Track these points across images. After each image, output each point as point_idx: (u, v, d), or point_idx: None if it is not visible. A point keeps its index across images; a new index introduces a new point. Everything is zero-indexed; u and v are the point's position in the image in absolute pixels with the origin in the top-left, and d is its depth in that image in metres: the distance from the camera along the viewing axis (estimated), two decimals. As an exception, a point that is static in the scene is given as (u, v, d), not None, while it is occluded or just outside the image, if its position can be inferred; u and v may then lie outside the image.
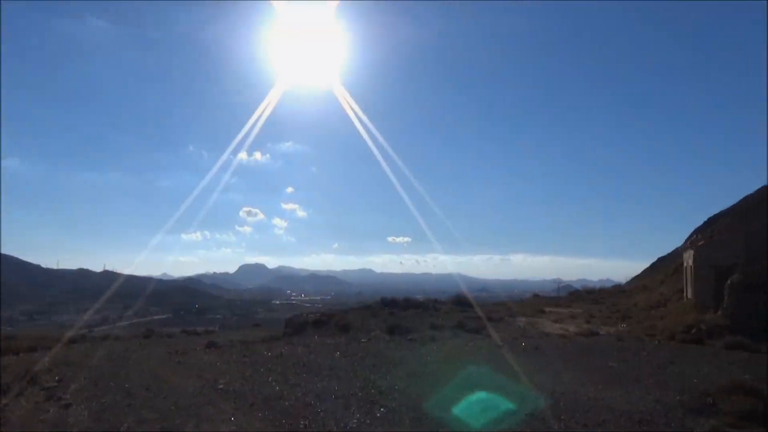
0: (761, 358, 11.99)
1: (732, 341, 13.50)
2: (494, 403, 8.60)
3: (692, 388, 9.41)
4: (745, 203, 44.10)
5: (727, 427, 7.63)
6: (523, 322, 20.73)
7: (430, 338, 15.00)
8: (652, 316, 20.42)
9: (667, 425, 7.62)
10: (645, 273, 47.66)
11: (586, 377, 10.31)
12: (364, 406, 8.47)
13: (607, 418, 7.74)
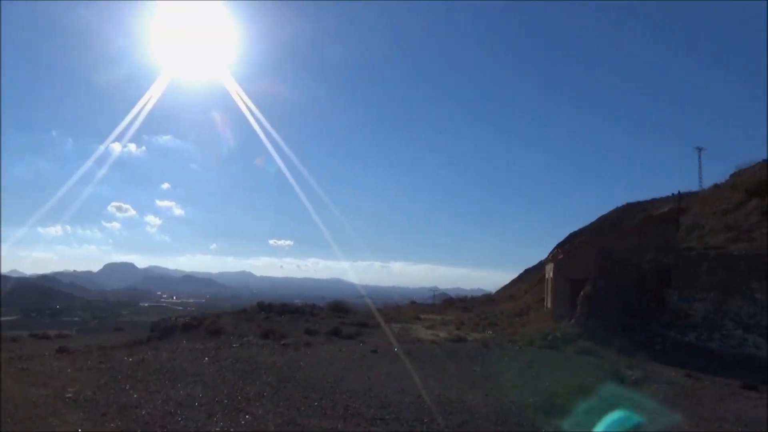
0: (604, 363, 13.24)
1: (581, 347, 14.81)
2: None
3: (544, 390, 10.17)
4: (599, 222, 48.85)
5: (570, 425, 8.33)
6: (398, 328, 21.24)
7: (304, 343, 14.87)
8: (516, 324, 21.86)
9: (520, 425, 8.16)
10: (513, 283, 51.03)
11: (451, 381, 10.77)
12: (230, 413, 8.18)
13: (466, 419, 8.13)
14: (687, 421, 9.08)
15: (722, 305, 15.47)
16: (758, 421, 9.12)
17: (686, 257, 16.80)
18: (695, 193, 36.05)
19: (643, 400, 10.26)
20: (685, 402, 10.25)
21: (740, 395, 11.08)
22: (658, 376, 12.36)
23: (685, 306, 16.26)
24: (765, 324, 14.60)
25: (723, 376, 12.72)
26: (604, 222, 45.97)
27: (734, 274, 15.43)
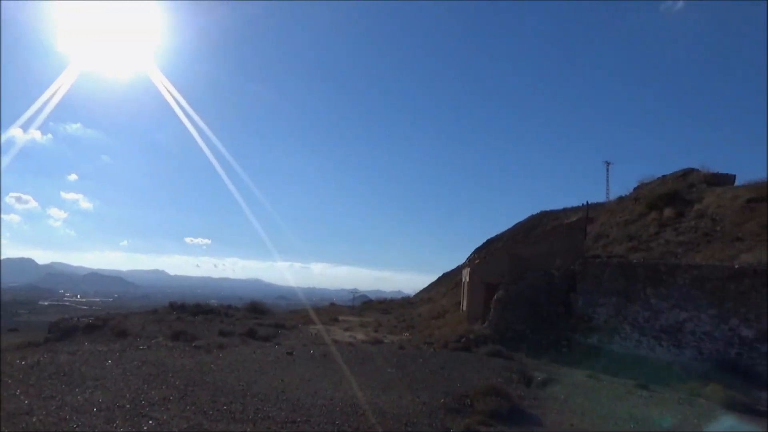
0: (513, 365, 13.76)
1: (492, 349, 15.30)
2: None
3: (455, 391, 10.42)
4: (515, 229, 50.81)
5: (478, 425, 8.58)
6: (316, 330, 21.06)
7: (217, 345, 14.41)
8: (432, 326, 22.27)
9: (429, 425, 8.31)
10: (432, 286, 52.02)
11: (365, 383, 10.79)
12: (131, 419, 7.77)
13: (378, 421, 8.18)
14: (584, 418, 9.62)
15: (622, 310, 16.49)
16: (648, 418, 9.80)
17: (591, 264, 17.78)
18: (603, 204, 38.34)
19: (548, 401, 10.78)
20: (584, 401, 10.83)
21: (634, 394, 11.86)
22: (563, 377, 12.99)
23: (589, 310, 17.19)
24: (658, 328, 15.70)
25: (620, 376, 13.55)
26: (520, 229, 47.88)
27: (633, 281, 16.49)
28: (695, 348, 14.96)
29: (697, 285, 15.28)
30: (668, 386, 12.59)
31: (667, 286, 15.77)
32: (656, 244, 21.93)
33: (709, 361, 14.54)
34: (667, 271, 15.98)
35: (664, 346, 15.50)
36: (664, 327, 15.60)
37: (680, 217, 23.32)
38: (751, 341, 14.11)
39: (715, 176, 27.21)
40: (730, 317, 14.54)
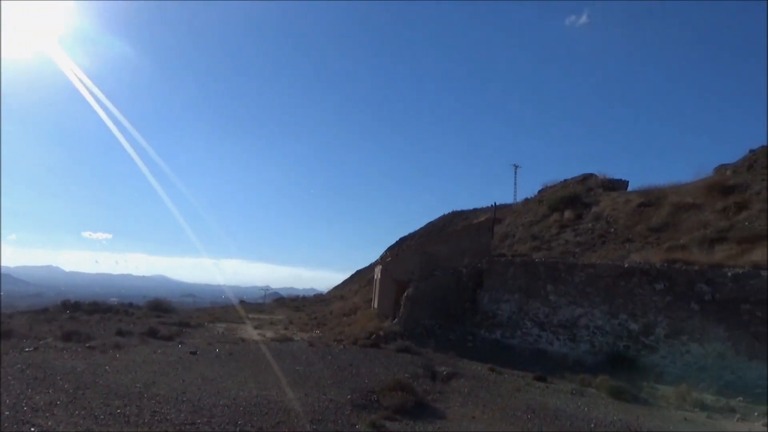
0: (421, 360, 14.02)
1: (401, 345, 15.52)
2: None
3: (363, 387, 10.46)
4: (427, 227, 51.93)
5: (384, 420, 8.65)
6: (223, 328, 20.44)
7: (114, 345, 13.59)
8: (343, 323, 22.28)
9: (335, 422, 8.27)
10: (345, 284, 52.10)
11: (272, 381, 10.58)
12: (11, 426, 7.14)
13: (282, 420, 8.03)
14: (486, 410, 9.97)
15: (523, 306, 17.29)
16: (544, 408, 10.32)
17: (497, 263, 18.50)
18: (510, 205, 40.06)
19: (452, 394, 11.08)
20: (486, 394, 11.24)
21: (532, 386, 12.46)
22: (466, 371, 13.41)
23: (494, 307, 17.88)
24: (556, 323, 16.60)
25: (521, 369, 14.19)
26: (431, 228, 48.98)
27: (535, 279, 17.33)
28: (588, 341, 15.96)
29: (591, 282, 16.31)
30: (563, 378, 13.34)
31: (565, 284, 16.72)
32: (557, 244, 23.21)
33: (601, 353, 15.56)
34: (566, 270, 16.93)
35: (561, 340, 16.42)
36: (561, 322, 16.52)
37: (579, 219, 24.82)
38: (637, 334, 15.24)
39: (610, 182, 29.18)
40: (620, 312, 15.64)
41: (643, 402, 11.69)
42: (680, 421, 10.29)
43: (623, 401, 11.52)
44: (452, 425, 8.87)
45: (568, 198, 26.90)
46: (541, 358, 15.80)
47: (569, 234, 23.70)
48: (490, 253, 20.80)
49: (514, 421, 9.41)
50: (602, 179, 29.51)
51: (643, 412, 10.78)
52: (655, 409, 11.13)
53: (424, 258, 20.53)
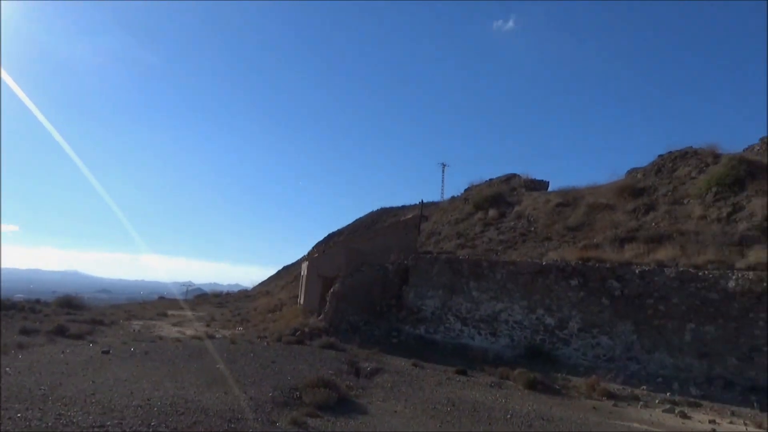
0: (345, 356, 14.02)
1: (326, 342, 15.45)
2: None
3: (285, 384, 10.32)
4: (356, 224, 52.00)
5: (305, 416, 8.56)
6: (139, 325, 19.55)
7: (16, 345, 12.66)
8: (268, 320, 21.90)
9: (255, 420, 8.10)
10: (271, 280, 51.27)
11: (190, 380, 10.22)
12: None
13: (199, 420, 7.76)
14: (408, 404, 10.10)
15: (447, 302, 17.66)
16: (464, 400, 10.59)
17: (422, 259, 18.78)
18: (437, 203, 40.80)
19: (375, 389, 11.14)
20: (408, 388, 11.39)
21: (453, 380, 12.76)
22: (390, 366, 13.54)
23: (419, 303, 18.15)
24: (478, 318, 17.08)
25: (443, 363, 14.50)
26: (360, 224, 49.08)
27: (458, 275, 17.74)
28: (508, 336, 16.53)
29: (512, 279, 16.88)
30: (483, 371, 13.75)
31: (488, 280, 17.22)
32: (481, 242, 23.85)
33: (519, 347, 16.16)
34: (488, 267, 17.44)
35: (483, 334, 16.91)
36: (483, 317, 17.02)
37: (502, 218, 25.62)
38: (553, 328, 15.94)
39: (532, 182, 30.31)
40: (537, 307, 16.29)
41: (556, 392, 12.25)
42: (589, 410, 10.86)
43: (538, 392, 12.03)
44: (373, 420, 8.91)
45: (493, 197, 27.70)
46: (463, 353, 16.19)
47: (493, 232, 24.41)
48: (417, 249, 21.10)
49: (434, 414, 9.59)
50: (525, 179, 30.59)
51: (556, 402, 11.30)
52: (567, 399, 11.70)
53: (351, 254, 20.53)
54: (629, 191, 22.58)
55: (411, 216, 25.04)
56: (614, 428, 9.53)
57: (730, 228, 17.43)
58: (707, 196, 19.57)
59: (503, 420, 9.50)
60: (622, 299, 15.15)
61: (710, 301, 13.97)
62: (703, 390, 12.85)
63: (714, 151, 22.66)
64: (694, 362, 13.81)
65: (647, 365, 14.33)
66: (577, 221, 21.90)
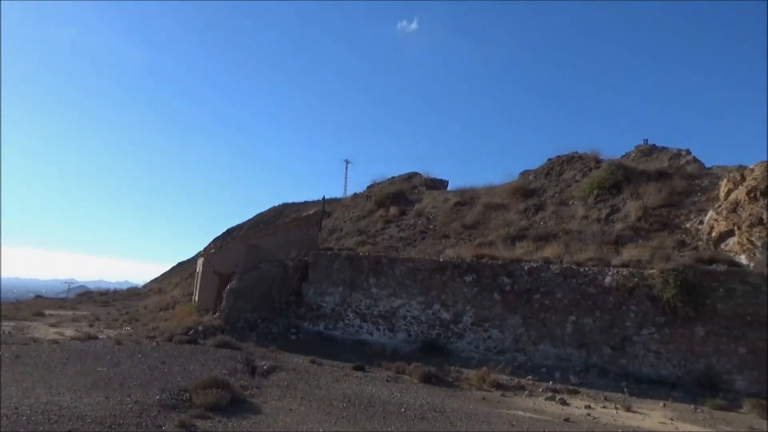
0: (241, 355, 13.63)
1: (221, 340, 14.94)
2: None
3: (174, 386, 9.83)
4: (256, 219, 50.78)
5: (195, 418, 8.21)
6: (10, 327, 17.84)
7: None
8: (159, 318, 20.83)
9: (138, 426, 7.64)
10: (164, 276, 48.80)
11: (67, 385, 9.46)
12: None
13: (75, 428, 7.19)
14: (304, 402, 10.00)
15: (347, 298, 17.72)
16: (360, 396, 10.65)
17: (323, 256, 18.71)
18: (340, 199, 40.78)
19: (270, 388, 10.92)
20: (305, 386, 11.28)
21: (351, 376, 12.81)
22: (288, 364, 13.35)
23: (318, 299, 18.06)
24: (377, 314, 17.28)
25: (342, 360, 14.51)
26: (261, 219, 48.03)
27: (358, 272, 17.86)
28: (405, 331, 16.87)
29: (410, 276, 17.25)
30: (381, 367, 13.92)
31: (387, 277, 17.47)
32: (381, 239, 24.14)
33: (416, 342, 16.55)
34: (387, 263, 17.70)
35: (381, 330, 17.14)
36: (381, 313, 17.25)
37: (403, 215, 26.10)
38: (448, 323, 16.48)
39: (433, 181, 31.15)
40: (434, 303, 16.76)
41: (449, 385, 12.67)
42: (479, 400, 11.33)
43: (433, 385, 12.38)
44: (267, 419, 8.73)
45: (394, 195, 28.13)
46: (362, 349, 16.31)
47: (393, 229, 24.79)
48: (318, 246, 20.96)
49: (330, 410, 9.56)
50: (426, 178, 31.37)
51: (449, 394, 11.69)
52: (459, 391, 12.14)
53: (249, 250, 20.00)
54: (521, 192, 23.82)
55: (312, 212, 24.82)
56: (501, 417, 10.00)
57: (608, 228, 18.91)
58: (589, 198, 21.08)
59: (397, 413, 9.67)
60: (512, 294, 15.96)
61: (589, 295, 15.08)
62: (581, 378, 13.86)
63: (596, 157, 24.51)
64: (574, 352, 14.84)
65: (533, 356, 15.21)
66: (474, 220, 22.77)
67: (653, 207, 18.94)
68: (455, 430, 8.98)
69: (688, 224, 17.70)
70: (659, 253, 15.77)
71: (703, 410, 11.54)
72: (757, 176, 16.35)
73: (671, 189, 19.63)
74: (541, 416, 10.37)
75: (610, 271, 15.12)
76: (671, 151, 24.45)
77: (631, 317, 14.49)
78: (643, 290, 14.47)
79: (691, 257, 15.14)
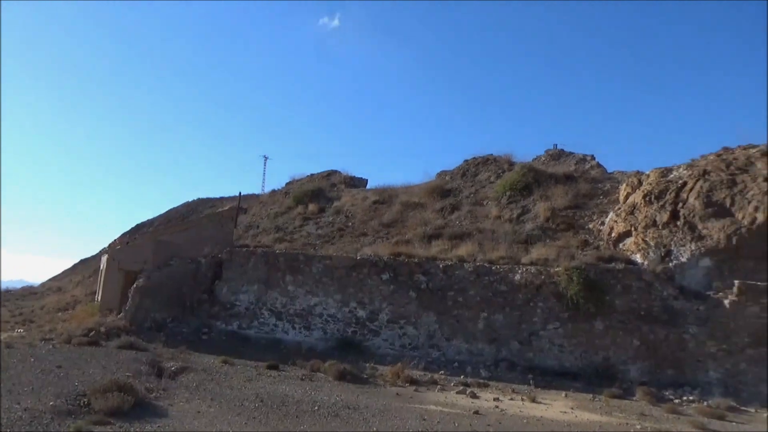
0: (147, 356, 13.00)
1: (125, 341, 14.17)
2: None
3: (71, 391, 9.23)
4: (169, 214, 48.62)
5: (93, 424, 7.74)
6: None
7: None
8: (57, 319, 19.46)
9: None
10: (65, 274, 45.68)
11: (-55, 393, 8.61)
12: None
13: (-49, 439, 6.57)
14: (214, 403, 9.68)
15: (262, 296, 17.37)
16: (272, 395, 10.46)
17: (238, 253, 18.22)
18: (258, 195, 39.88)
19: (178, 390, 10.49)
20: (216, 387, 10.93)
21: (264, 375, 12.55)
22: (198, 365, 12.86)
23: (232, 298, 17.57)
24: (293, 312, 17.05)
25: (256, 359, 14.15)
26: (174, 214, 46.06)
27: (274, 269, 17.54)
28: (321, 329, 16.76)
29: (327, 273, 17.15)
30: (296, 365, 13.74)
31: (303, 275, 17.28)
32: (299, 236, 23.84)
33: (332, 339, 16.48)
34: (305, 261, 17.51)
35: (297, 328, 16.94)
36: (297, 311, 17.04)
37: (321, 213, 25.92)
38: (364, 320, 16.54)
39: (352, 179, 31.17)
40: (351, 301, 16.76)
41: (364, 382, 12.72)
42: (393, 396, 11.46)
43: (347, 382, 12.38)
44: (174, 422, 8.37)
45: (313, 192, 27.87)
46: (277, 347, 16.03)
47: (311, 227, 24.56)
48: (233, 243, 20.38)
49: (241, 411, 9.33)
50: (345, 176, 31.33)
51: (363, 390, 11.74)
52: (373, 387, 12.22)
53: (159, 246, 19.11)
54: (438, 192, 24.34)
55: (228, 208, 24.12)
56: (413, 412, 10.16)
57: (519, 227, 19.70)
58: (502, 199, 21.87)
59: (310, 412, 9.58)
60: (428, 292, 16.26)
61: (500, 293, 15.65)
62: (491, 372, 14.37)
63: (509, 159, 25.50)
64: (485, 347, 15.35)
65: (446, 351, 15.58)
66: (392, 218, 22.99)
67: (560, 208, 19.95)
68: (368, 426, 9.02)
69: (591, 225, 18.80)
70: (565, 252, 16.65)
71: (601, 399, 12.29)
72: (652, 181, 17.65)
73: (577, 192, 20.78)
74: (451, 410, 10.63)
75: (520, 269, 15.77)
76: (577, 156, 25.91)
77: (538, 313, 15.19)
78: (550, 287, 15.21)
79: (593, 256, 16.11)
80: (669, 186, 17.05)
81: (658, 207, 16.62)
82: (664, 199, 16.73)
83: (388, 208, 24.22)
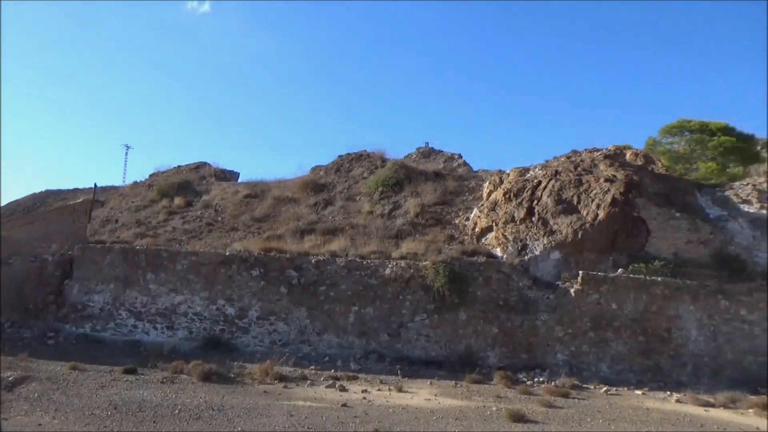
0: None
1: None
2: None
3: None
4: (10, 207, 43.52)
5: None
6: None
7: None
8: None
9: None
10: None
11: None
12: None
13: None
14: (59, 414, 8.82)
15: (120, 296, 16.17)
16: (128, 401, 9.75)
17: (92, 249, 16.78)
18: (117, 187, 36.97)
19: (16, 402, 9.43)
20: (62, 396, 9.98)
21: (120, 380, 11.67)
22: (41, 373, 11.65)
23: (84, 298, 16.19)
24: (154, 312, 16.05)
25: (111, 363, 13.11)
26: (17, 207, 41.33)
27: (135, 267, 16.40)
28: (186, 328, 15.96)
29: (193, 270, 16.36)
30: (156, 367, 12.92)
31: (167, 272, 16.34)
32: (164, 231, 22.49)
33: (198, 339, 15.75)
34: (168, 257, 16.56)
35: (159, 329, 15.98)
36: (160, 311, 16.08)
37: (189, 207, 24.66)
38: (233, 318, 16.01)
39: (223, 172, 29.98)
40: (219, 298, 16.14)
41: (231, 381, 12.30)
42: (261, 394, 11.20)
43: (213, 383, 11.88)
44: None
45: (180, 185, 26.44)
46: (136, 350, 15.01)
47: (178, 221, 23.28)
48: (86, 238, 18.71)
49: (91, 421, 8.60)
50: (215, 169, 30.04)
51: (229, 390, 11.35)
52: (241, 386, 11.85)
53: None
54: (312, 186, 24.21)
55: (81, 200, 22.06)
56: (281, 408, 10.01)
57: (390, 223, 20.20)
58: (375, 194, 22.29)
59: (170, 416, 9.08)
60: (299, 287, 16.12)
61: (371, 287, 15.94)
62: (361, 364, 14.60)
63: (382, 156, 26.04)
64: (355, 340, 15.56)
65: (317, 346, 15.57)
66: (264, 213, 22.49)
67: (429, 204, 20.76)
68: (232, 426, 8.74)
69: (457, 220, 19.79)
70: (432, 247, 17.37)
71: (462, 385, 13.00)
72: (512, 180, 19.00)
73: (445, 188, 21.76)
74: (320, 404, 10.64)
75: (390, 263, 16.18)
76: (446, 155, 27.15)
77: (407, 305, 15.69)
78: (418, 280, 15.77)
79: (458, 250, 16.98)
80: (526, 185, 18.45)
81: (516, 204, 17.91)
82: (521, 197, 18.07)
83: (260, 202, 23.66)
